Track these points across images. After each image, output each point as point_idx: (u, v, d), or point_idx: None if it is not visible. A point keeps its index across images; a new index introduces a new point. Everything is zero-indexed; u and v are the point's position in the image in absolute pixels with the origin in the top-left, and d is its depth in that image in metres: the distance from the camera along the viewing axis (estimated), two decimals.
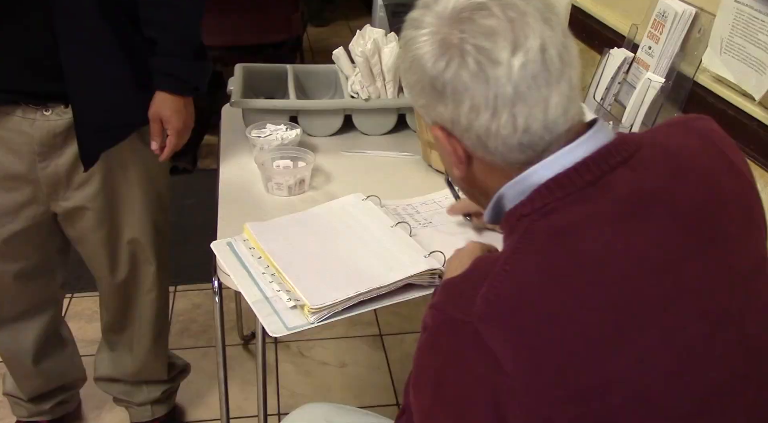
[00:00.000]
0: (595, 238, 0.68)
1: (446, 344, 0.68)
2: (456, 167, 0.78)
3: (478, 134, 0.71)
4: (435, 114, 0.74)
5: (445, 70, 0.70)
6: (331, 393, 1.95)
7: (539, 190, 0.71)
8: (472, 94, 0.69)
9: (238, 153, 1.50)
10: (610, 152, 0.72)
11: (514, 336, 0.64)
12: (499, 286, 0.66)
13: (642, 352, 0.65)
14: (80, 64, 1.24)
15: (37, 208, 1.38)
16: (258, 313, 1.03)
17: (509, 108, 0.69)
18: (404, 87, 0.79)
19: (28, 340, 1.55)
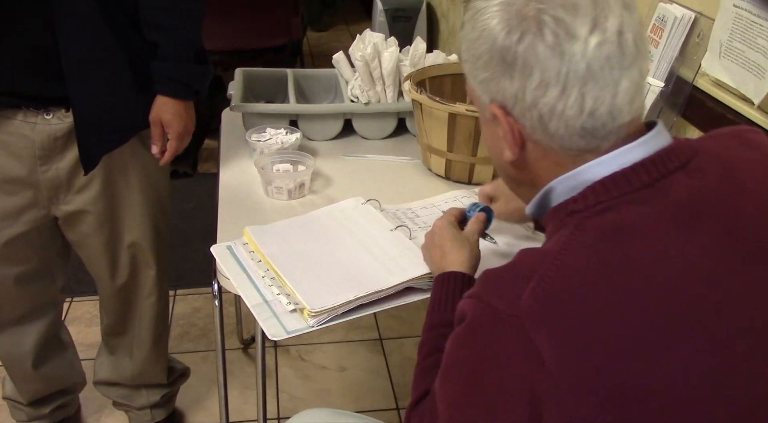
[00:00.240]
0: (648, 241, 0.67)
1: (487, 336, 0.67)
2: (509, 149, 0.75)
3: (541, 113, 0.70)
4: (497, 90, 0.71)
5: (519, 42, 0.68)
6: (330, 397, 1.94)
7: (594, 187, 0.70)
8: (544, 68, 0.68)
9: (238, 157, 1.51)
10: (668, 156, 0.71)
11: (561, 332, 0.63)
12: (548, 281, 0.65)
13: (685, 360, 0.64)
14: (81, 66, 1.24)
15: (38, 211, 1.38)
16: (258, 316, 1.03)
17: (579, 87, 0.68)
18: (466, 60, 0.75)
19: (28, 344, 1.55)
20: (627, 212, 0.68)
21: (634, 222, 0.68)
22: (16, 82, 1.25)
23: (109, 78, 1.29)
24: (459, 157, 1.38)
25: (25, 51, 1.22)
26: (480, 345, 0.68)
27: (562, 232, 0.70)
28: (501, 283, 0.69)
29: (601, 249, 0.67)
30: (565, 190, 0.73)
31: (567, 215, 0.71)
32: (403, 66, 1.58)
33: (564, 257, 0.67)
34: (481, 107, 0.77)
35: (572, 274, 0.66)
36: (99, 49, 1.25)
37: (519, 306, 0.65)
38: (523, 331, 0.64)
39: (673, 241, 0.67)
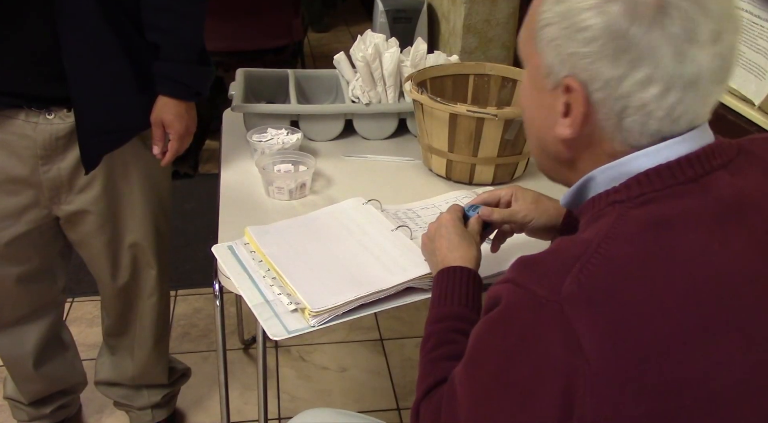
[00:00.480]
0: (691, 235, 0.67)
1: (524, 322, 0.66)
2: (570, 127, 0.72)
3: (626, 106, 0.68)
4: (587, 68, 0.68)
5: (645, 34, 0.65)
6: (331, 398, 1.94)
7: (638, 178, 0.70)
8: (657, 66, 0.66)
9: (240, 157, 1.51)
10: (713, 153, 0.71)
11: (602, 321, 0.63)
12: (592, 269, 0.65)
13: (721, 356, 0.65)
14: (82, 66, 1.24)
15: (39, 211, 1.38)
16: (259, 316, 1.04)
17: (681, 92, 0.67)
18: (552, 23, 0.70)
19: (29, 344, 1.55)
20: (670, 205, 0.68)
21: (677, 215, 0.68)
22: (18, 82, 1.25)
23: (110, 78, 1.29)
24: (460, 158, 1.38)
25: (27, 51, 1.23)
26: (516, 330, 0.67)
27: (603, 221, 0.70)
28: (541, 269, 0.68)
29: (644, 240, 0.66)
30: (606, 180, 0.73)
31: (608, 205, 0.71)
32: (404, 66, 1.58)
33: (607, 246, 0.66)
34: (541, 71, 0.73)
35: (615, 263, 0.65)
36: (100, 49, 1.25)
37: (561, 292, 0.64)
38: (564, 317, 0.63)
39: (715, 236, 0.67)
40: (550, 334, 0.64)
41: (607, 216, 0.70)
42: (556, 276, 0.65)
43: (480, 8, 3.03)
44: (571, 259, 0.66)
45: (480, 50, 3.11)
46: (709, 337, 0.64)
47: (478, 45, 3.10)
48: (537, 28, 0.72)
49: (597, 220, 0.71)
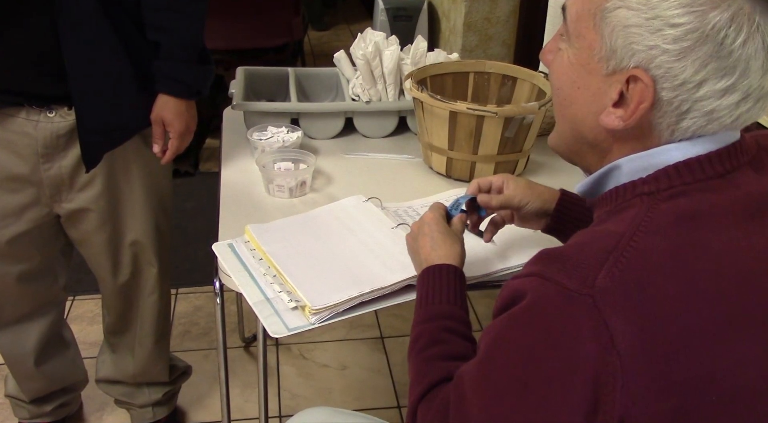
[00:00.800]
0: (721, 230, 0.66)
1: (553, 315, 0.64)
2: (621, 119, 0.69)
3: (693, 109, 0.67)
4: (664, 65, 0.65)
5: (743, 46, 0.64)
6: (332, 395, 1.95)
7: (667, 171, 0.69)
8: (744, 77, 0.65)
9: (240, 155, 1.51)
10: (740, 149, 0.71)
11: (636, 315, 0.62)
12: (625, 262, 0.63)
13: (745, 352, 0.64)
14: (83, 65, 1.25)
15: (40, 209, 1.38)
16: (259, 313, 1.04)
17: (753, 102, 0.66)
18: (633, 8, 0.65)
19: (30, 342, 1.56)
20: (699, 200, 0.67)
21: (707, 210, 0.67)
22: (19, 80, 1.25)
23: (110, 77, 1.29)
24: (460, 156, 1.39)
25: (28, 50, 1.23)
26: (543, 324, 0.65)
27: (631, 213, 0.68)
28: (571, 263, 0.66)
29: (677, 234, 0.66)
30: (633, 170, 0.71)
31: (635, 196, 0.70)
32: (404, 64, 1.58)
33: (640, 239, 0.65)
34: (598, 53, 0.69)
35: (649, 256, 0.64)
36: (101, 48, 1.26)
37: (594, 285, 0.63)
38: (597, 311, 0.62)
39: (743, 232, 0.67)
40: (580, 329, 0.62)
41: (635, 207, 0.69)
42: (588, 269, 0.64)
43: (480, 6, 3.03)
44: (602, 252, 0.65)
45: (480, 48, 3.11)
46: (734, 334, 0.64)
47: (478, 43, 3.10)
48: (605, 8, 0.67)
49: (622, 212, 0.70)
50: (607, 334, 0.61)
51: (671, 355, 0.62)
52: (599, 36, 0.68)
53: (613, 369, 0.61)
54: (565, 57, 0.74)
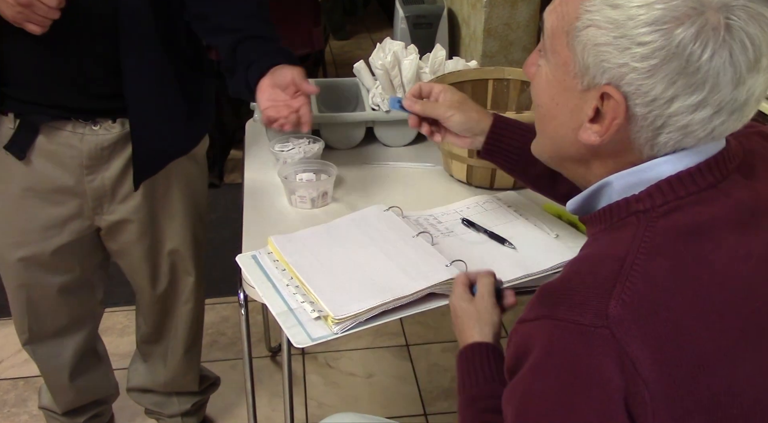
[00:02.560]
0: (720, 242, 0.66)
1: (573, 355, 0.62)
2: (598, 135, 0.69)
3: (667, 124, 0.66)
4: (635, 82, 0.65)
5: (710, 60, 0.62)
6: (358, 404, 1.95)
7: (660, 186, 0.68)
8: (715, 91, 0.64)
9: (262, 167, 1.53)
10: (728, 157, 0.71)
11: (653, 339, 0.61)
12: (633, 287, 0.63)
13: (761, 362, 0.64)
14: (143, 97, 1.30)
15: (82, 222, 1.41)
16: (282, 324, 1.05)
17: (728, 115, 0.66)
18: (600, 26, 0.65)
19: (67, 355, 1.58)
20: (694, 214, 0.67)
21: (705, 223, 0.67)
22: (71, 99, 1.29)
23: (166, 109, 1.34)
24: (480, 163, 1.39)
25: (89, 75, 1.27)
26: (568, 368, 0.63)
27: (627, 233, 0.68)
28: (577, 297, 0.64)
29: (678, 251, 0.65)
30: (624, 187, 0.71)
31: (630, 214, 0.69)
32: (423, 73, 1.59)
33: (642, 261, 0.64)
34: (572, 69, 0.69)
35: (655, 278, 0.63)
36: (159, 82, 1.31)
37: (608, 316, 0.61)
38: (616, 342, 0.61)
39: (740, 240, 0.67)
40: (604, 363, 0.61)
41: (631, 226, 0.68)
42: (598, 300, 0.63)
43: (500, 12, 3.03)
44: (607, 280, 0.64)
45: (501, 54, 3.10)
46: (748, 345, 0.64)
47: (498, 49, 3.10)
48: (576, 26, 0.68)
49: (618, 231, 0.69)
50: (630, 364, 0.61)
51: (693, 375, 0.61)
52: (572, 53, 0.68)
53: (642, 399, 0.60)
54: (544, 73, 0.74)
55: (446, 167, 1.48)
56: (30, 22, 1.11)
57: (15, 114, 1.30)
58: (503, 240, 1.21)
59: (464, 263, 1.12)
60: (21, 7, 1.08)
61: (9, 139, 1.31)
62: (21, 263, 1.41)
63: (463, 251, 1.18)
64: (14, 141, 1.31)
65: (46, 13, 1.10)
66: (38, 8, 1.09)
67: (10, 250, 1.41)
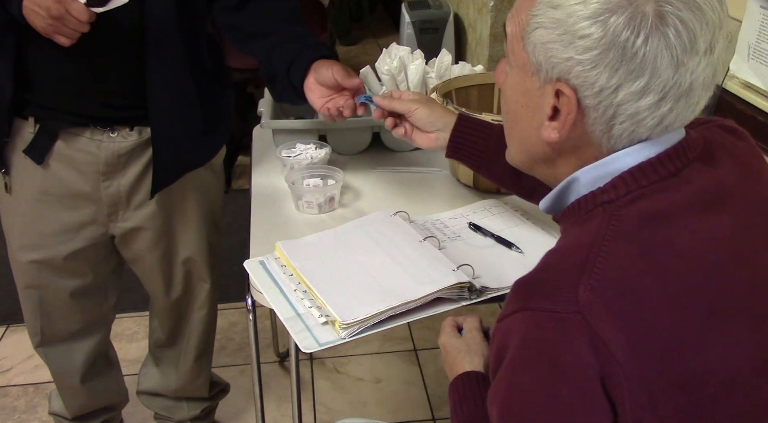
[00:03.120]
0: (683, 226, 0.69)
1: (550, 343, 0.64)
2: (557, 130, 0.72)
3: (617, 114, 0.69)
4: (581, 75, 0.68)
5: (645, 44, 0.65)
6: (366, 409, 1.95)
7: (623, 177, 0.71)
8: (655, 75, 0.66)
9: (270, 173, 1.53)
10: (688, 146, 0.73)
11: (623, 321, 0.63)
12: (599, 272, 0.65)
13: (731, 339, 0.66)
14: (166, 111, 1.31)
15: (97, 229, 1.42)
16: (290, 329, 1.05)
17: (674, 101, 0.68)
18: (546, 27, 0.69)
19: (78, 359, 1.59)
20: (657, 201, 0.70)
21: (667, 209, 0.69)
22: (92, 108, 1.31)
23: (187, 123, 1.35)
24: None
25: (109, 89, 1.29)
26: (544, 356, 0.65)
27: (593, 223, 0.70)
28: (548, 287, 0.67)
29: (642, 236, 0.68)
30: (590, 180, 0.73)
31: (596, 206, 0.72)
32: (430, 78, 1.60)
33: (609, 247, 0.67)
34: (528, 69, 0.72)
35: (621, 263, 0.66)
36: (182, 96, 1.33)
37: (578, 301, 0.64)
38: (588, 326, 0.63)
39: (704, 223, 0.69)
40: (580, 347, 0.63)
41: (598, 217, 0.71)
42: (568, 288, 0.65)
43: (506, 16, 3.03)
44: (575, 267, 0.66)
45: None
46: (716, 323, 0.66)
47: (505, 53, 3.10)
48: (527, 30, 0.72)
49: (585, 223, 0.72)
50: (603, 347, 0.63)
51: (664, 356, 0.64)
52: (527, 54, 0.72)
53: (617, 380, 0.62)
54: (509, 79, 0.78)
55: (453, 172, 1.48)
56: (59, 34, 1.13)
57: (35, 119, 1.32)
58: (510, 244, 1.21)
59: (471, 268, 1.12)
60: (52, 19, 1.10)
61: (28, 143, 1.33)
62: (33, 265, 1.43)
63: (470, 256, 1.18)
64: (33, 145, 1.33)
65: (76, 26, 1.12)
66: (69, 21, 1.11)
67: (23, 252, 1.42)
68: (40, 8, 1.10)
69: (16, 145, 1.34)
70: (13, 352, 2.17)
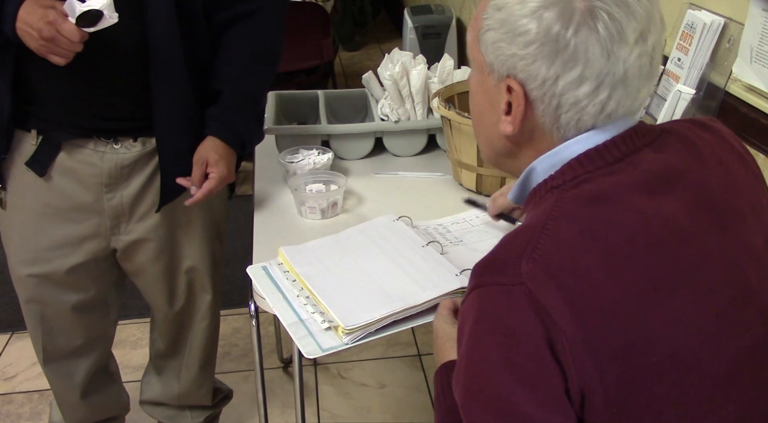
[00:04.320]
0: (626, 204, 0.72)
1: (501, 314, 0.68)
2: (512, 124, 0.77)
3: (561, 103, 0.73)
4: (525, 69, 0.73)
5: (575, 35, 0.71)
6: (370, 414, 1.95)
7: (571, 164, 0.75)
8: (589, 65, 0.71)
9: (272, 179, 1.53)
10: (636, 134, 0.77)
11: (563, 291, 0.67)
12: (541, 247, 0.69)
13: (675, 312, 0.69)
14: (172, 127, 1.32)
15: (99, 243, 1.41)
16: (293, 335, 1.05)
17: (610, 89, 0.72)
18: (493, 28, 0.75)
19: (79, 376, 1.57)
20: (601, 183, 0.73)
21: (610, 189, 0.73)
22: (94, 123, 1.31)
23: (192, 137, 1.35)
24: (489, 172, 1.39)
25: (111, 105, 1.30)
26: (496, 327, 0.69)
27: (544, 206, 0.74)
28: (497, 263, 0.71)
29: (584, 214, 0.72)
30: (545, 169, 0.77)
31: (547, 192, 0.76)
32: (432, 83, 1.60)
33: (551, 225, 0.71)
34: (485, 69, 0.78)
35: (562, 238, 0.70)
36: (187, 111, 1.33)
37: (521, 273, 0.68)
38: (531, 295, 0.67)
39: (648, 202, 0.72)
40: (527, 316, 0.67)
41: (547, 201, 0.75)
42: (513, 262, 0.69)
43: None
44: (521, 245, 0.70)
45: None
46: (659, 296, 0.69)
47: None
48: (480, 32, 0.77)
49: (538, 207, 0.76)
50: (547, 316, 0.66)
51: (604, 326, 0.66)
52: (482, 55, 0.78)
53: (561, 346, 0.66)
54: (472, 81, 0.84)
55: (456, 176, 1.48)
56: (53, 54, 1.13)
57: (38, 131, 1.31)
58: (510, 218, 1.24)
59: None
60: (44, 40, 1.10)
61: (30, 156, 1.32)
62: (33, 279, 1.42)
63: (473, 260, 1.16)
64: (35, 158, 1.32)
65: (69, 46, 1.12)
66: (61, 42, 1.11)
67: (24, 266, 1.41)
68: (32, 29, 1.10)
69: (15, 159, 1.34)
70: (17, 359, 2.17)
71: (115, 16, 1.10)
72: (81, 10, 1.08)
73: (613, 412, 0.67)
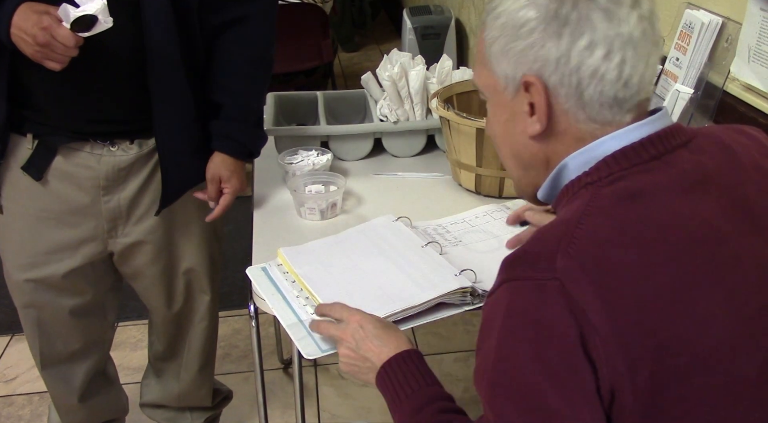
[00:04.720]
0: (661, 202, 0.72)
1: (533, 309, 0.68)
2: (538, 120, 0.76)
3: (581, 78, 0.73)
4: (537, 57, 0.74)
5: (574, 7, 0.72)
6: (371, 415, 1.95)
7: (606, 160, 0.74)
8: (595, 30, 0.72)
9: (272, 180, 1.54)
10: (672, 134, 0.76)
11: (598, 288, 0.66)
12: (577, 242, 0.68)
13: (708, 312, 0.68)
14: (171, 130, 1.32)
15: (96, 246, 1.41)
16: (292, 335, 1.05)
17: (623, 51, 0.73)
18: (499, 36, 0.76)
19: (77, 380, 1.57)
20: (637, 181, 0.73)
21: (646, 187, 0.72)
22: (91, 125, 1.31)
23: (192, 141, 1.36)
24: (488, 172, 1.39)
25: (107, 110, 1.30)
26: (528, 323, 0.68)
27: (578, 202, 0.74)
28: (529, 257, 0.71)
29: (620, 211, 0.71)
30: (578, 166, 0.77)
31: (581, 188, 0.75)
32: (431, 83, 1.60)
33: (586, 221, 0.70)
34: (500, 86, 0.78)
35: (597, 234, 0.69)
36: (186, 114, 1.33)
37: (555, 268, 0.67)
38: (565, 290, 0.66)
39: (684, 202, 0.72)
40: (560, 311, 0.66)
41: (581, 197, 0.74)
42: (547, 257, 0.68)
43: None
44: (555, 239, 0.70)
45: None
46: (694, 295, 0.68)
47: None
48: (487, 52, 0.78)
49: (571, 203, 0.75)
50: (580, 311, 0.65)
51: (638, 324, 0.66)
52: (492, 73, 0.78)
53: (594, 344, 0.65)
54: (489, 114, 0.84)
55: (455, 177, 1.48)
56: (48, 60, 1.13)
57: (33, 135, 1.31)
58: None
59: (473, 272, 1.11)
60: (39, 46, 1.10)
61: (26, 160, 1.32)
62: (30, 284, 1.41)
63: (472, 260, 1.17)
64: (31, 162, 1.32)
65: (64, 52, 1.11)
66: (56, 47, 1.10)
67: (21, 271, 1.41)
68: (27, 35, 1.10)
69: (10, 163, 1.33)
70: (17, 361, 2.17)
71: (109, 20, 1.10)
72: (75, 15, 1.07)
73: (641, 412, 0.66)
